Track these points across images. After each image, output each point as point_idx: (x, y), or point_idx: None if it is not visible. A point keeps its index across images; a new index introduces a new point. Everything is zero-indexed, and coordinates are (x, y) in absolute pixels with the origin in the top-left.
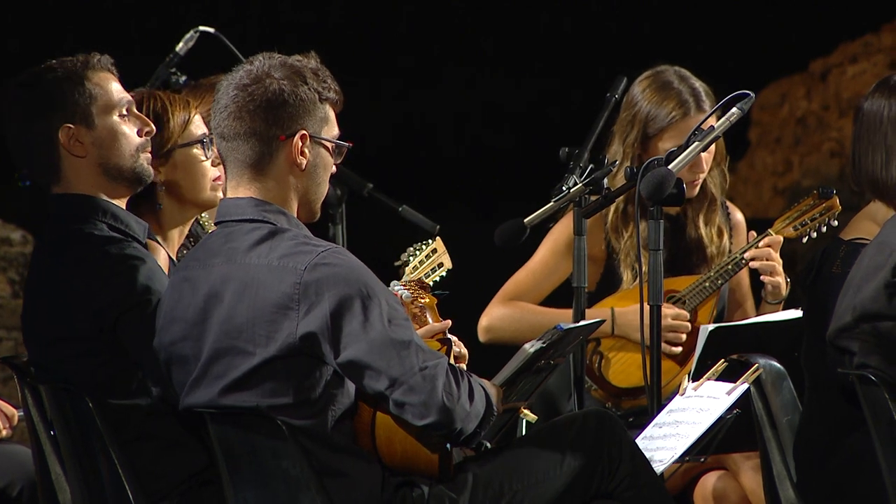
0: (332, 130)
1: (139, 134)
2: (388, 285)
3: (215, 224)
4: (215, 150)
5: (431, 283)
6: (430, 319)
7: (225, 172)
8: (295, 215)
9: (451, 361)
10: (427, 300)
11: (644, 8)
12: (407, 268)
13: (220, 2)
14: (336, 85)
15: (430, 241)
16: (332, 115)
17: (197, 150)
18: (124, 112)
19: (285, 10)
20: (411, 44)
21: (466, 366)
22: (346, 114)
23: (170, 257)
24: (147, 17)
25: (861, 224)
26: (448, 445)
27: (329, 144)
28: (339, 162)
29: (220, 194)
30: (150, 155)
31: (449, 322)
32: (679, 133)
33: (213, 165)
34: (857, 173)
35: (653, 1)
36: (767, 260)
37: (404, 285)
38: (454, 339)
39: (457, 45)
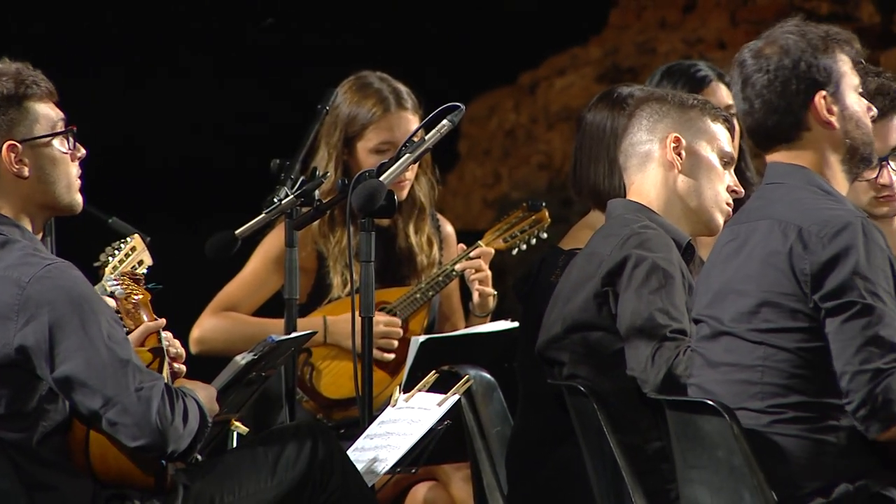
0: (47, 124)
1: None
2: (101, 282)
3: None
4: None
5: (143, 273)
6: (144, 317)
7: None
8: (30, 226)
9: (166, 371)
10: (141, 296)
11: (347, 21)
12: (107, 268)
13: None
14: (42, 78)
15: (128, 239)
16: (42, 108)
17: None
18: None
19: None
20: (118, 53)
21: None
22: None
23: None
24: None
25: (580, 233)
26: (163, 461)
27: (47, 140)
28: (74, 149)
29: None
30: None
31: (163, 321)
32: (381, 130)
33: None
34: (578, 183)
35: (367, 12)
36: (478, 271)
37: (118, 281)
38: (169, 336)
39: (167, 55)
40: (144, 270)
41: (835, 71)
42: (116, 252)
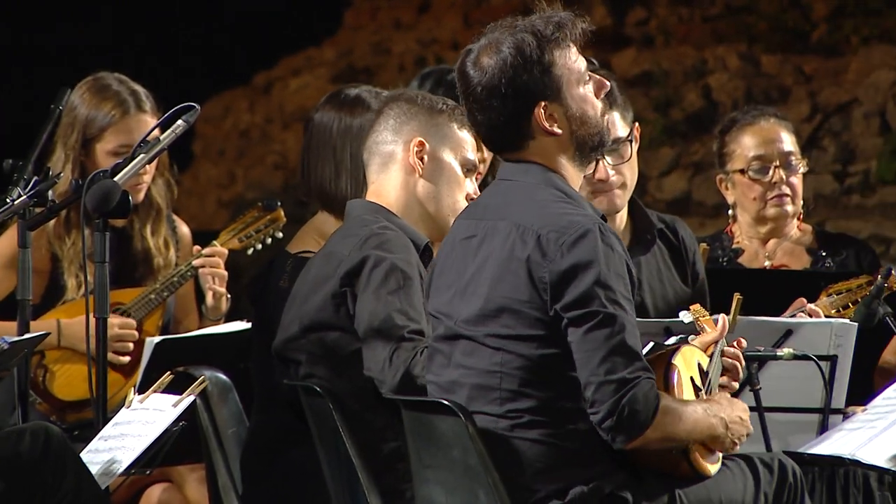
0: None
1: None
2: None
3: None
4: None
5: None
6: None
7: None
8: None
9: None
10: None
11: (89, 19)
12: None
13: None
14: None
15: None
16: None
17: None
18: None
19: None
20: None
21: None
22: None
23: None
24: None
25: (307, 236)
26: None
27: None
28: None
29: None
30: None
31: None
32: (119, 132)
33: None
34: (306, 184)
35: (100, 13)
36: (213, 268)
37: None
38: None
39: None
40: None
41: (553, 76)
42: None
